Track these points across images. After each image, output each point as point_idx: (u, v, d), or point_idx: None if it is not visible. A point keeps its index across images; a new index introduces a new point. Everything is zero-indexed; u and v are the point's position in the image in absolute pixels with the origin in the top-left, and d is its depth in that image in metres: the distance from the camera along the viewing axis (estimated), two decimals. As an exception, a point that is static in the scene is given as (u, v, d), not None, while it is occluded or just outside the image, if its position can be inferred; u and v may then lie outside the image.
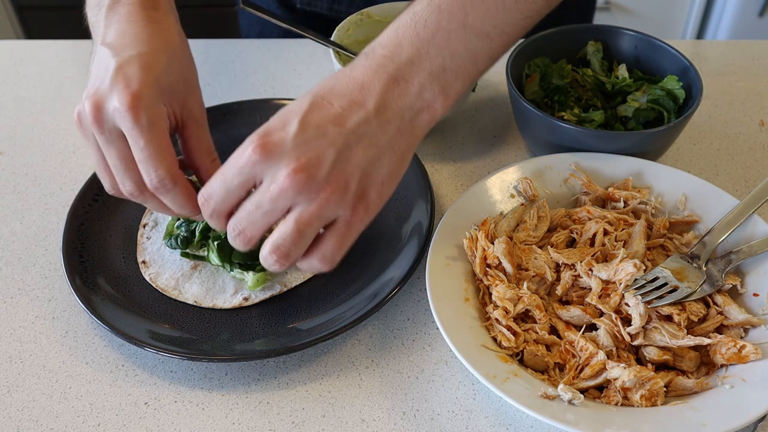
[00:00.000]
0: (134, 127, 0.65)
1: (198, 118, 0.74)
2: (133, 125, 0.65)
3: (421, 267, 0.78)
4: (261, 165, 0.61)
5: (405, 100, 0.65)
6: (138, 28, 0.71)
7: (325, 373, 0.74)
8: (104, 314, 0.75)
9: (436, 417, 0.70)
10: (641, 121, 0.91)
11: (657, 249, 0.79)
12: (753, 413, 0.63)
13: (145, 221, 0.87)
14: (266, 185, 0.61)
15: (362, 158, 0.62)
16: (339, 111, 0.62)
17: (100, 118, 0.66)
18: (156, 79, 0.68)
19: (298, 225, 0.61)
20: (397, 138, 0.65)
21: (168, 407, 0.72)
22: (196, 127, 0.73)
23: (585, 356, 0.69)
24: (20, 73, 1.13)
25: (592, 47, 0.97)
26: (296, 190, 0.60)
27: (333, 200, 0.61)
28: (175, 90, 0.71)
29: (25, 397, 0.73)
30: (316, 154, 0.60)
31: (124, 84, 0.66)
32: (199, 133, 0.74)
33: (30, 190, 0.94)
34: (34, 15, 2.52)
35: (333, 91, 0.64)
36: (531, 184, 0.83)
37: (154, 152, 0.66)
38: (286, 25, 0.95)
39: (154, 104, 0.67)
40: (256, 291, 0.79)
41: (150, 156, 0.66)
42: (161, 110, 0.68)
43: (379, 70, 0.64)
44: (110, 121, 0.66)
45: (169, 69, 0.70)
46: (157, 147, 0.66)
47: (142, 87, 0.66)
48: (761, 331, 0.71)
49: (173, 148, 0.69)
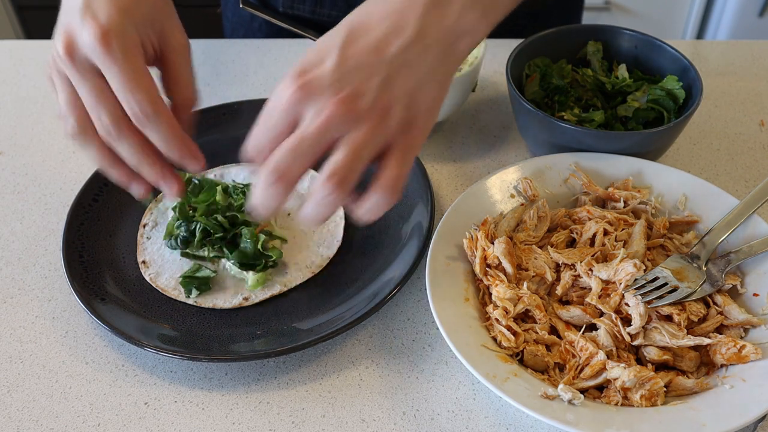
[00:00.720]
0: (107, 57, 0.64)
1: (176, 47, 0.72)
2: (105, 55, 0.64)
3: (421, 267, 0.78)
4: (302, 103, 0.59)
5: (445, 25, 0.61)
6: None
7: (325, 373, 0.74)
8: (104, 314, 0.75)
9: (436, 417, 0.70)
10: (641, 121, 0.91)
11: (657, 249, 0.79)
12: (753, 413, 0.63)
13: (145, 221, 0.87)
14: (309, 119, 0.59)
15: (405, 86, 0.60)
16: (378, 39, 0.60)
17: (72, 54, 0.65)
18: (125, 9, 0.66)
19: (352, 147, 0.58)
20: (439, 64, 0.62)
21: (168, 407, 0.72)
22: (175, 56, 0.72)
23: (585, 356, 0.69)
24: (20, 73, 1.13)
25: (592, 47, 0.97)
26: (342, 118, 0.58)
27: (381, 126, 0.59)
28: (150, 19, 0.69)
29: (25, 397, 0.73)
30: (358, 85, 0.58)
31: (92, 17, 0.65)
32: (178, 63, 0.72)
33: (30, 190, 0.94)
34: (34, 15, 2.52)
35: (370, 18, 0.61)
36: (531, 184, 0.83)
37: (131, 79, 0.64)
38: (287, 26, 0.95)
39: (125, 33, 0.65)
40: (256, 291, 0.79)
41: (126, 83, 0.64)
42: (134, 38, 0.66)
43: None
44: (83, 57, 0.65)
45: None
46: (132, 74, 0.65)
47: (111, 18, 0.65)
48: (761, 331, 0.71)
49: (152, 78, 0.67)
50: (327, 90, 0.58)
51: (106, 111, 0.66)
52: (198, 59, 1.14)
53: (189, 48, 0.73)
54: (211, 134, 0.96)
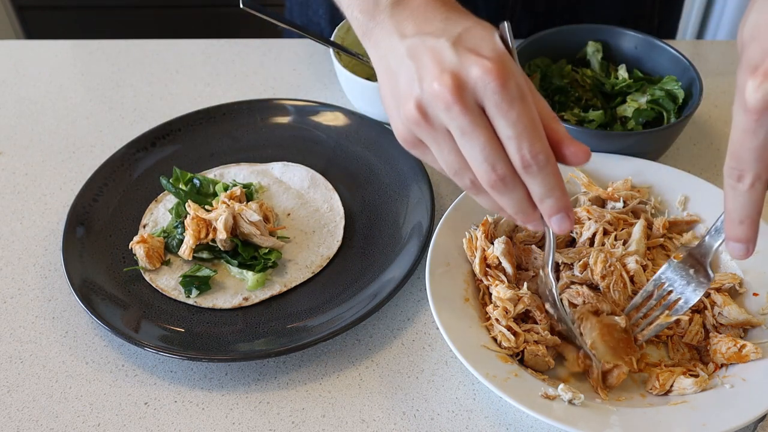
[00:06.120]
0: (506, 97, 0.55)
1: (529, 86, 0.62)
2: (503, 95, 0.55)
3: (421, 267, 0.78)
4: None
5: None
6: (444, 13, 0.62)
7: (325, 373, 0.74)
8: (104, 314, 0.75)
9: (436, 417, 0.70)
10: (641, 121, 0.91)
11: (657, 249, 0.79)
12: (753, 413, 0.63)
13: (145, 221, 0.87)
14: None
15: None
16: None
17: (463, 96, 0.56)
18: (499, 44, 0.58)
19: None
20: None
21: (168, 407, 0.72)
22: (538, 98, 0.62)
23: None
24: (20, 73, 1.13)
25: (592, 47, 0.97)
26: None
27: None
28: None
29: (25, 397, 0.73)
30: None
31: (473, 52, 0.56)
32: (542, 106, 0.62)
33: (30, 190, 0.94)
34: (34, 15, 2.52)
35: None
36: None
37: (531, 122, 0.57)
38: (287, 26, 0.95)
39: (515, 69, 0.58)
40: (256, 291, 0.79)
41: (527, 128, 0.56)
42: (523, 76, 0.59)
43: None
44: (473, 97, 0.56)
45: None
46: (531, 116, 0.57)
47: (498, 52, 0.57)
48: (761, 331, 0.71)
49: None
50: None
51: (502, 161, 0.58)
52: (198, 59, 1.14)
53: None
54: (211, 134, 0.97)
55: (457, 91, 0.56)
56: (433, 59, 0.57)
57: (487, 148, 0.57)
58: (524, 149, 0.57)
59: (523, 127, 0.56)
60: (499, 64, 0.56)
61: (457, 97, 0.56)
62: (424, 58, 0.58)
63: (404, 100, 0.59)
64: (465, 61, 0.56)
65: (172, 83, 1.10)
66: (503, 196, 0.60)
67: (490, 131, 0.57)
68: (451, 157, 0.60)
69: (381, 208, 0.87)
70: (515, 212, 0.62)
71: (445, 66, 0.56)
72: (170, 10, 2.45)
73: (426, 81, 0.57)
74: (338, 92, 1.06)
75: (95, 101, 1.07)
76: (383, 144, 0.93)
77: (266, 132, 0.97)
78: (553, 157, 0.59)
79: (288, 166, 0.93)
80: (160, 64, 1.13)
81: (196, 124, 0.97)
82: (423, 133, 0.59)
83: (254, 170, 0.92)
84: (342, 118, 0.97)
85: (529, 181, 0.59)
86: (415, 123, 0.59)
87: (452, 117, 0.57)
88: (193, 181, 0.88)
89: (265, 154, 0.95)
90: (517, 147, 0.57)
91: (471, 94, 0.56)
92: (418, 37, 0.60)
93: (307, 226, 0.86)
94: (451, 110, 0.56)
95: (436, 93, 0.56)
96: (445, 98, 0.56)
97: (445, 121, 0.57)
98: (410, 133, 0.60)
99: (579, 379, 0.70)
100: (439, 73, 0.56)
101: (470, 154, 0.58)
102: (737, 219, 0.57)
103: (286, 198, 0.89)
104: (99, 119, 1.04)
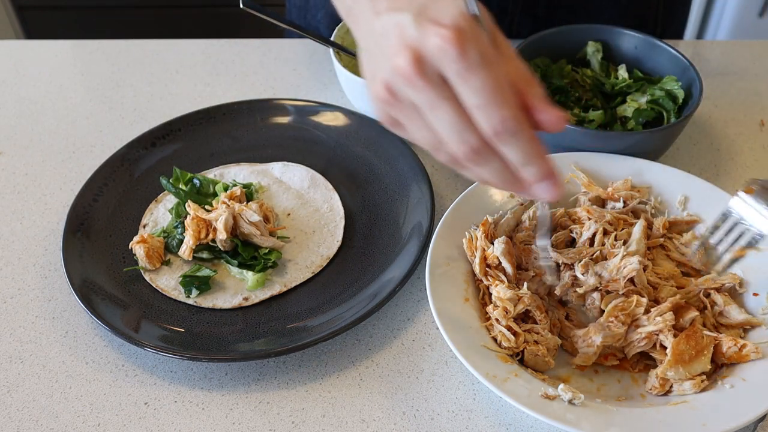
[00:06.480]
0: (464, 65, 0.53)
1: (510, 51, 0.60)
2: (462, 63, 0.53)
3: (421, 267, 0.78)
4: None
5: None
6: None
7: (325, 373, 0.74)
8: (104, 314, 0.75)
9: (436, 417, 0.70)
10: (641, 121, 0.91)
11: (657, 249, 0.79)
12: (753, 413, 0.63)
13: (144, 221, 0.87)
14: None
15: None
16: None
17: (423, 70, 0.54)
18: (462, 11, 0.55)
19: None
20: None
21: (168, 407, 0.72)
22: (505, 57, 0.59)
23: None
24: (20, 73, 1.13)
25: (592, 47, 0.97)
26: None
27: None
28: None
29: (25, 397, 0.73)
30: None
31: (433, 23, 0.53)
32: (510, 60, 0.59)
33: (30, 190, 0.94)
34: (34, 15, 2.52)
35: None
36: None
37: (495, 89, 0.54)
38: (287, 26, 0.95)
39: (477, 34, 0.54)
40: (256, 291, 0.79)
41: (491, 95, 0.54)
42: (485, 39, 0.55)
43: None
44: (434, 69, 0.54)
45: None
46: (496, 83, 0.54)
47: (458, 18, 0.54)
48: (761, 331, 0.71)
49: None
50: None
51: (471, 131, 0.56)
52: (198, 59, 1.14)
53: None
54: (212, 134, 0.97)
55: (417, 64, 0.54)
56: (397, 35, 0.55)
57: (454, 120, 0.55)
58: (492, 117, 0.54)
59: (487, 93, 0.54)
60: (457, 32, 0.52)
61: (418, 71, 0.54)
62: (390, 35, 0.56)
63: (374, 80, 0.58)
64: (424, 33, 0.54)
65: (172, 83, 1.10)
66: (482, 168, 0.58)
67: (454, 102, 0.55)
68: (424, 132, 0.58)
69: (381, 208, 0.87)
70: (500, 182, 0.60)
71: (406, 41, 0.54)
72: (170, 10, 2.45)
73: (390, 59, 0.55)
74: (338, 92, 1.06)
75: (95, 101, 1.07)
76: (383, 144, 0.93)
77: (266, 132, 0.97)
78: (526, 122, 0.56)
79: (288, 166, 0.93)
80: (160, 64, 1.13)
81: (196, 124, 0.97)
82: (394, 111, 0.58)
83: (254, 170, 0.93)
84: (342, 118, 0.97)
85: (504, 149, 0.57)
86: (385, 102, 0.57)
87: (416, 92, 0.55)
88: (193, 181, 0.88)
89: (265, 154, 0.95)
90: (484, 115, 0.54)
91: (431, 67, 0.54)
92: (387, 13, 0.57)
93: (307, 226, 0.86)
94: (414, 85, 0.54)
95: (397, 69, 0.54)
96: (406, 74, 0.54)
97: (411, 97, 0.56)
98: (383, 112, 0.59)
99: (580, 379, 0.70)
100: (401, 48, 0.54)
101: (440, 128, 0.57)
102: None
103: (286, 198, 0.89)
104: (99, 119, 1.04)
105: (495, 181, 0.60)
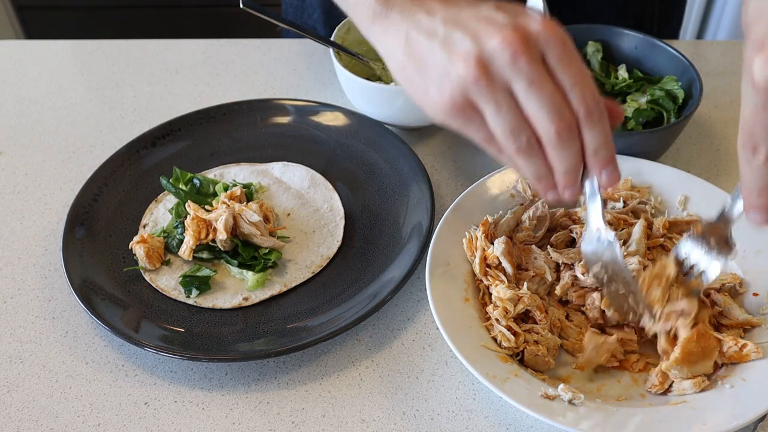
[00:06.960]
0: (567, 49, 0.58)
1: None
2: (565, 47, 0.57)
3: (421, 267, 0.78)
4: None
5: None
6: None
7: (325, 373, 0.74)
8: (104, 314, 0.75)
9: (436, 417, 0.70)
10: (641, 121, 0.91)
11: (657, 249, 0.79)
12: (753, 413, 0.63)
13: (145, 221, 0.87)
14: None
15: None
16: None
17: (529, 48, 0.57)
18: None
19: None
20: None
21: (168, 407, 0.72)
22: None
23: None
24: (20, 73, 1.13)
25: (592, 47, 0.97)
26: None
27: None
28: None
29: (25, 397, 0.73)
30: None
31: (491, 23, 0.58)
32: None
33: (30, 190, 0.94)
34: (34, 15, 2.52)
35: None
36: (530, 184, 0.83)
37: (588, 75, 0.59)
38: (286, 26, 0.95)
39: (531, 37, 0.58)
40: (256, 291, 0.79)
41: (586, 78, 0.59)
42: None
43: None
44: (538, 50, 0.57)
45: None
46: (587, 71, 0.59)
47: (521, 17, 0.58)
48: (761, 331, 0.71)
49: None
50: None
51: (568, 109, 0.59)
52: (198, 59, 1.14)
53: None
54: (212, 134, 0.97)
55: (524, 42, 0.56)
56: (484, 21, 0.58)
57: (555, 97, 0.58)
58: (587, 96, 0.58)
59: (584, 75, 0.58)
60: (553, 23, 0.57)
61: (525, 48, 0.56)
62: (470, 23, 0.58)
63: (452, 64, 0.58)
64: (521, 19, 0.57)
65: (172, 83, 1.10)
66: (563, 151, 0.60)
67: (554, 82, 0.58)
68: (510, 115, 0.59)
69: (381, 208, 0.87)
70: (565, 171, 0.61)
71: (502, 24, 0.57)
72: (170, 10, 2.45)
73: (484, 38, 0.57)
74: (338, 92, 1.06)
75: (95, 101, 1.07)
76: (383, 144, 0.93)
77: (266, 132, 0.97)
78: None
79: (288, 166, 0.93)
80: (160, 64, 1.13)
81: (196, 124, 0.97)
82: (481, 92, 0.58)
83: (254, 170, 0.93)
84: (342, 118, 0.97)
85: (589, 131, 0.60)
86: (474, 82, 0.58)
87: (519, 68, 0.57)
88: (193, 181, 0.88)
89: (265, 154, 0.95)
90: (581, 94, 0.58)
91: (535, 46, 0.57)
92: (450, 11, 0.60)
93: (307, 226, 0.86)
94: (519, 61, 0.56)
95: (500, 46, 0.56)
96: (512, 49, 0.56)
97: (508, 75, 0.57)
98: (462, 97, 0.59)
99: (580, 379, 0.70)
100: (498, 29, 0.57)
101: (537, 104, 0.58)
102: (755, 190, 0.58)
103: (286, 198, 0.89)
104: (99, 119, 1.04)
105: (563, 167, 0.61)
